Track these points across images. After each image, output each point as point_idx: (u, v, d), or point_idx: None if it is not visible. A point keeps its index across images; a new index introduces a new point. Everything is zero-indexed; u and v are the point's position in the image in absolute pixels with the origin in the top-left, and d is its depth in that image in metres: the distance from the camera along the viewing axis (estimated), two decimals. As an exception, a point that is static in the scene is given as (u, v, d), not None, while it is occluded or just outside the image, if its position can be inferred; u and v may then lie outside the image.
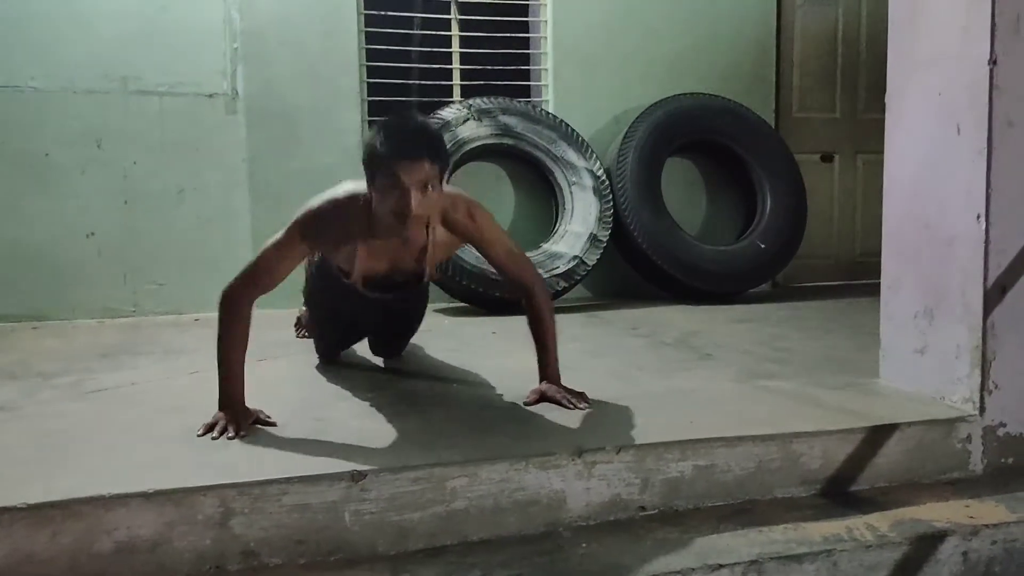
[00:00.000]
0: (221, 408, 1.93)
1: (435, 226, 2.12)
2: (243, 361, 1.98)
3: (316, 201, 2.10)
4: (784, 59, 4.93)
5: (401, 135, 1.89)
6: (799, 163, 4.59)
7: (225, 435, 1.84)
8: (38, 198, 3.85)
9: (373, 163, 1.91)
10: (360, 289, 2.28)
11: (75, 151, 3.89)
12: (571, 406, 2.05)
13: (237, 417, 1.90)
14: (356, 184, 2.07)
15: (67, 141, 3.87)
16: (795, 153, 4.61)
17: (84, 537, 1.47)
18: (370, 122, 4.29)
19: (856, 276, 5.09)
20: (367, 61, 4.30)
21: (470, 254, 3.80)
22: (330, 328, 2.68)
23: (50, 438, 1.88)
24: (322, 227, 2.06)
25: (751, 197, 4.57)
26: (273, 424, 1.94)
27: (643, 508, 1.77)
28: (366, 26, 4.28)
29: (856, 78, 5.10)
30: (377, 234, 2.06)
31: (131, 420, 2.05)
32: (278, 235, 2.06)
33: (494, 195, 4.46)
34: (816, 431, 1.90)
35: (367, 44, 4.29)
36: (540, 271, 3.91)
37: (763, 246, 4.36)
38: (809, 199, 4.57)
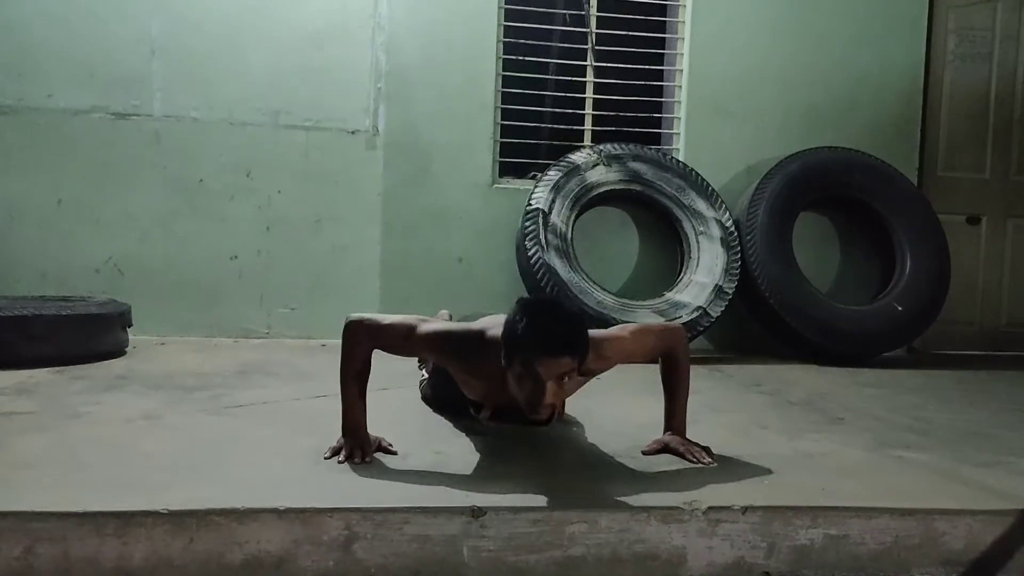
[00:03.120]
0: (344, 434, 1.99)
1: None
2: (364, 392, 2.03)
3: (482, 323, 2.07)
4: (931, 115, 4.74)
5: (546, 329, 1.76)
6: (942, 224, 4.37)
7: (350, 460, 1.89)
8: (190, 220, 4.12)
9: (513, 349, 1.79)
10: (486, 422, 2.15)
11: (227, 178, 4.14)
12: (694, 460, 2.00)
13: (361, 444, 1.95)
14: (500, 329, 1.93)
15: (220, 169, 4.14)
16: (939, 213, 4.39)
17: (217, 547, 1.53)
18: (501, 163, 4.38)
19: (1001, 347, 4.78)
20: (502, 104, 4.40)
21: (592, 298, 3.81)
22: (447, 403, 2.54)
23: (190, 449, 1.98)
24: (465, 356, 2.01)
25: (889, 257, 4.38)
26: (394, 453, 1.99)
27: (767, 574, 1.69)
28: (504, 70, 4.39)
29: (1009, 138, 4.84)
30: (507, 396, 1.93)
31: (263, 437, 2.13)
32: (424, 327, 2.02)
33: (619, 240, 4.46)
34: (960, 509, 1.78)
35: (503, 87, 4.40)
36: (662, 319, 3.88)
37: (900, 309, 4.15)
38: (952, 263, 4.34)
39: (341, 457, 1.91)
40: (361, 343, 2.01)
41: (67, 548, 1.49)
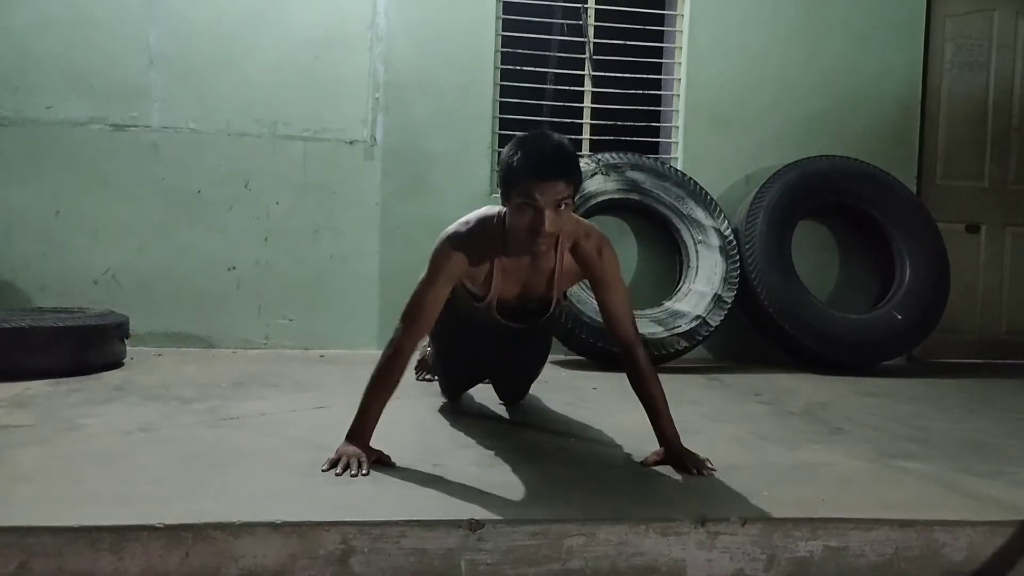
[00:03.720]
0: (347, 441, 1.98)
1: (564, 250, 2.15)
2: (386, 404, 2.03)
3: (453, 225, 2.16)
4: (929, 123, 4.74)
5: (538, 154, 1.91)
6: (941, 232, 4.37)
7: (348, 472, 1.88)
8: (188, 231, 4.11)
9: (509, 180, 1.95)
10: (492, 314, 2.29)
11: (225, 189, 4.14)
12: (693, 471, 1.99)
13: (360, 455, 1.94)
14: (488, 208, 2.17)
15: (218, 180, 4.14)
16: (938, 222, 4.39)
17: (213, 561, 1.52)
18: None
19: (1001, 355, 4.77)
20: (500, 113, 4.41)
21: (590, 307, 3.79)
22: (456, 364, 2.71)
23: (186, 461, 1.97)
24: (464, 244, 2.10)
25: (888, 265, 4.37)
26: (393, 465, 1.97)
27: (767, 586, 1.68)
28: (501, 79, 4.40)
29: (1008, 146, 4.84)
30: (511, 251, 2.11)
31: (260, 449, 2.12)
32: (424, 273, 2.11)
33: (618, 250, 4.39)
34: (961, 520, 1.76)
35: (501, 97, 4.40)
36: (661, 328, 3.88)
37: (900, 317, 4.14)
38: (952, 271, 4.33)
39: (339, 469, 1.89)
40: (404, 351, 2.03)
41: (62, 563, 1.48)
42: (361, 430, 1.99)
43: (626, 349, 2.14)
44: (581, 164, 4.07)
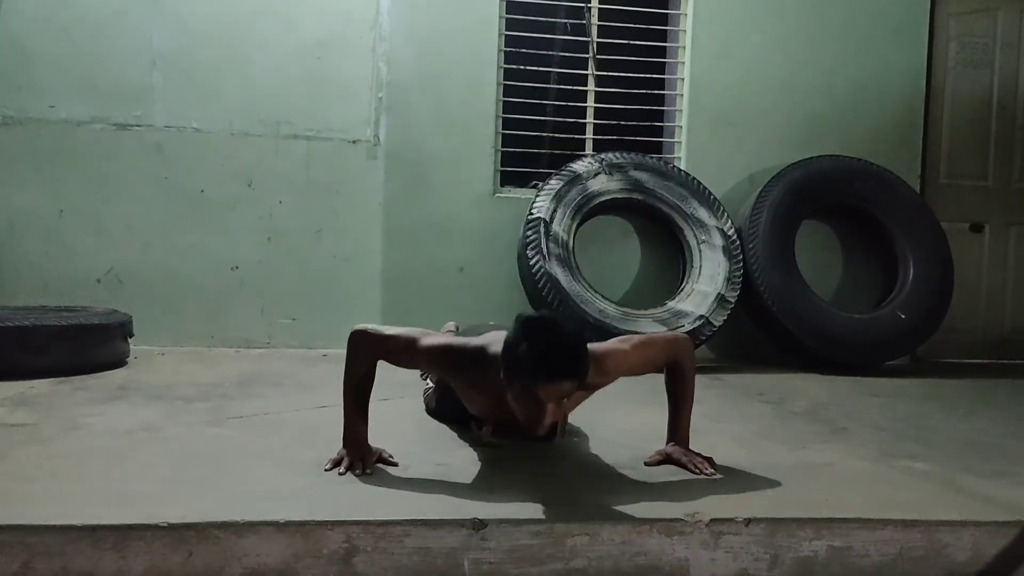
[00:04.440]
0: (345, 445, 1.98)
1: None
2: (366, 403, 2.02)
3: (474, 343, 2.05)
4: (932, 123, 4.73)
5: (546, 353, 1.72)
6: (945, 232, 4.36)
7: (351, 471, 1.88)
8: (191, 231, 4.12)
9: (513, 370, 1.77)
10: (487, 437, 2.18)
11: (228, 189, 4.14)
12: (697, 471, 1.98)
13: (362, 455, 1.94)
14: (499, 347, 1.91)
15: (221, 179, 4.14)
16: (941, 221, 4.39)
17: (216, 561, 1.52)
18: (503, 171, 4.38)
19: (1005, 354, 4.77)
20: (503, 113, 4.40)
21: (594, 307, 3.80)
22: (455, 411, 2.47)
23: (189, 461, 1.97)
24: (462, 369, 2.03)
25: (891, 265, 4.37)
26: (395, 464, 1.97)
27: (771, 586, 1.67)
28: (504, 79, 4.40)
29: (1012, 145, 4.83)
30: (509, 411, 1.92)
31: (263, 449, 2.12)
32: (426, 340, 2.02)
33: (621, 250, 4.45)
34: (964, 521, 1.76)
35: (504, 97, 4.40)
36: (664, 328, 3.87)
37: (903, 317, 4.13)
38: (955, 270, 4.32)
39: (342, 469, 1.89)
40: (364, 353, 2.01)
41: (65, 562, 1.48)
42: (353, 432, 1.99)
43: (670, 367, 2.11)
44: (584, 164, 4.13)
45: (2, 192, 3.98)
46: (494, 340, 1.98)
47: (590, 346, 1.86)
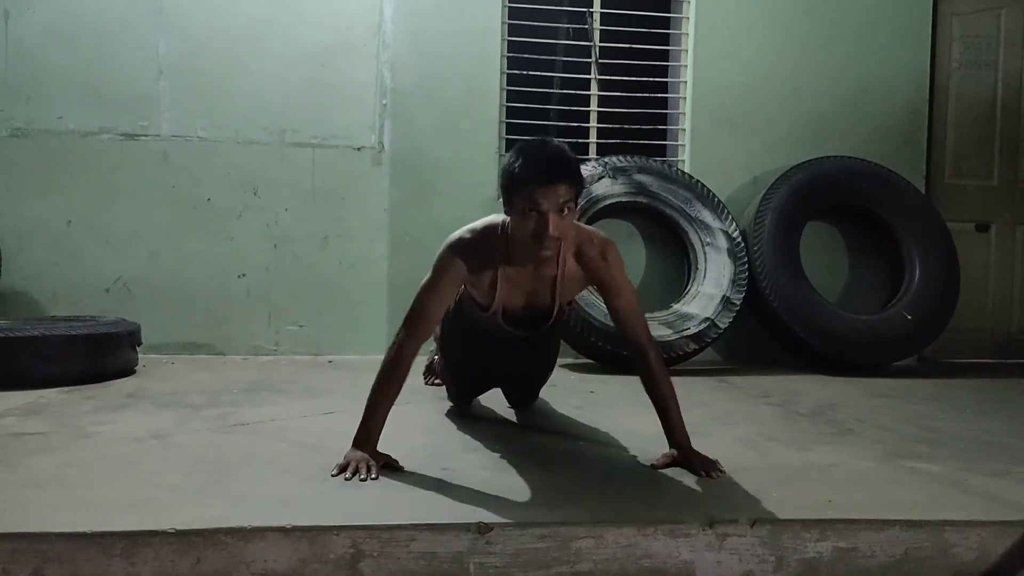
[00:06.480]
0: (355, 445, 1.99)
1: (567, 257, 2.15)
2: (390, 409, 2.04)
3: (457, 231, 2.16)
4: (937, 123, 4.73)
5: (539, 159, 1.91)
6: (951, 232, 4.35)
7: (357, 477, 1.89)
8: (198, 239, 4.14)
9: (511, 187, 1.94)
10: (498, 322, 2.29)
11: (234, 197, 4.17)
12: (702, 473, 1.99)
13: (369, 460, 1.95)
14: (494, 216, 2.16)
15: (227, 187, 4.17)
16: (947, 221, 4.38)
17: (224, 566, 1.53)
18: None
19: (1012, 354, 4.75)
20: (507, 118, 4.42)
21: (599, 310, 3.80)
22: (464, 372, 2.72)
23: (197, 467, 1.99)
24: (467, 251, 2.11)
25: (898, 266, 4.36)
26: (401, 469, 1.98)
27: (777, 588, 1.68)
28: (508, 84, 4.41)
29: (1017, 144, 4.82)
30: (515, 260, 2.11)
31: (271, 455, 2.14)
32: (426, 278, 2.11)
33: (625, 253, 4.38)
34: (971, 521, 1.76)
35: (507, 102, 4.41)
36: (670, 331, 3.88)
37: (910, 317, 4.13)
38: (962, 270, 4.32)
39: (348, 474, 1.91)
40: (405, 357, 2.04)
41: (76, 569, 1.49)
42: (367, 436, 2.00)
43: (637, 351, 2.14)
44: (588, 168, 4.13)
45: (11, 203, 4.02)
46: (478, 221, 2.17)
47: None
